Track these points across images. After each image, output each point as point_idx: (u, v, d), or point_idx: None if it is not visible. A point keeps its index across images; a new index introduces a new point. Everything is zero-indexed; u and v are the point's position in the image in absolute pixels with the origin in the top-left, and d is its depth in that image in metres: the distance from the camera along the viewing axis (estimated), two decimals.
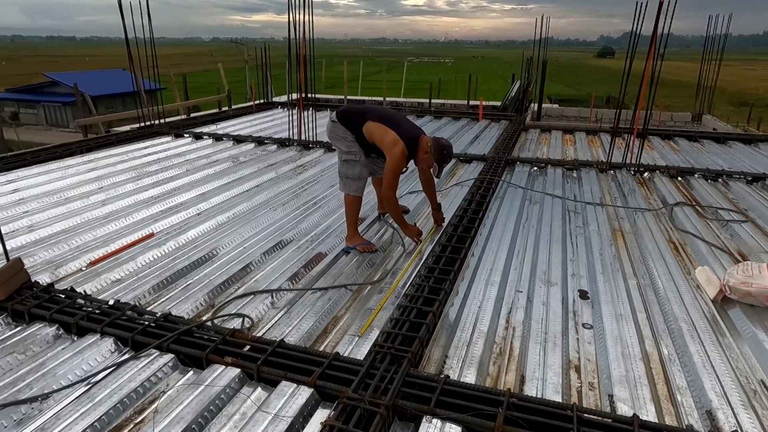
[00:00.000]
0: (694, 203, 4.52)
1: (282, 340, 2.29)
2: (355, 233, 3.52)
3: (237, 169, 5.50)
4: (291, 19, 6.17)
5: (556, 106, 15.22)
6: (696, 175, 5.33)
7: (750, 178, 5.22)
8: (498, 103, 13.15)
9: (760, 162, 6.11)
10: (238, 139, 6.89)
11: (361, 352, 2.32)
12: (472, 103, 14.25)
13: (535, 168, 5.65)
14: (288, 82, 7.26)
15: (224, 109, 10.45)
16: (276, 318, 2.63)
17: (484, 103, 11.02)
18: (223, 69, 15.37)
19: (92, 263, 3.20)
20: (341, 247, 3.50)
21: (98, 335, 2.37)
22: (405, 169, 3.55)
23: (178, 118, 9.61)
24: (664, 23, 5.22)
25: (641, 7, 5.31)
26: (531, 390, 2.10)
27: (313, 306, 2.73)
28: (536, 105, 11.05)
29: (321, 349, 2.39)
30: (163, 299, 2.80)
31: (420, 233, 3.63)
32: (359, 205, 3.60)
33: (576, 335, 2.52)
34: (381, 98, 15.48)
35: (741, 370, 2.27)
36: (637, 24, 5.38)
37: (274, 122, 8.57)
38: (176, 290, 2.89)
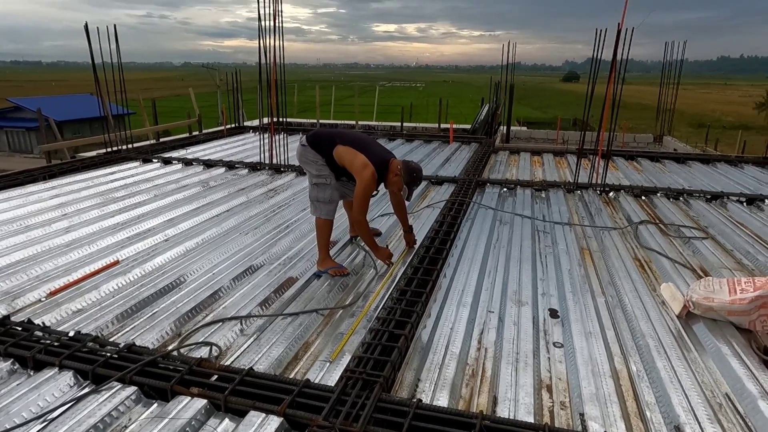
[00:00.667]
0: (657, 221, 4.66)
1: (251, 368, 2.23)
2: (326, 257, 3.50)
3: (207, 193, 5.42)
4: (261, 44, 6.21)
5: (524, 128, 15.61)
6: (658, 194, 5.50)
7: (709, 197, 5.42)
8: (468, 126, 13.42)
9: (717, 181, 6.36)
10: (209, 164, 6.81)
11: (332, 378, 2.28)
12: (443, 126, 14.50)
13: (505, 189, 5.75)
14: (260, 106, 7.26)
15: (195, 133, 10.35)
16: (245, 345, 2.57)
17: (454, 126, 11.22)
18: (194, 93, 15.29)
19: (52, 293, 3.08)
20: (313, 271, 3.46)
21: (56, 369, 2.26)
22: (376, 192, 3.57)
23: (147, 143, 9.47)
24: (623, 50, 5.46)
25: (601, 34, 5.54)
26: (503, 411, 2.09)
27: (284, 332, 2.68)
28: (505, 128, 11.31)
29: (291, 376, 2.34)
30: (127, 329, 2.71)
31: (391, 255, 3.63)
32: (330, 229, 3.58)
33: (547, 354, 2.54)
34: (354, 122, 15.61)
35: (706, 384, 2.31)
36: (598, 50, 5.61)
37: (246, 146, 8.52)
38: (141, 319, 2.80)
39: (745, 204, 5.24)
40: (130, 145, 7.65)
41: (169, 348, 2.52)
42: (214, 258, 3.67)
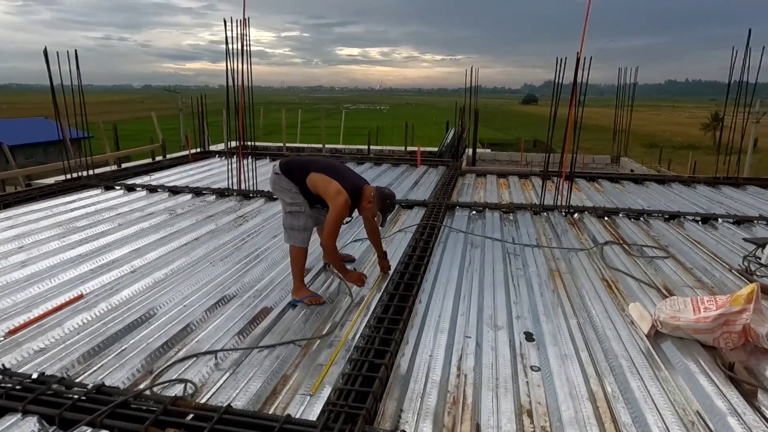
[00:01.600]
0: (621, 241, 4.83)
1: (229, 405, 2.17)
2: (301, 285, 3.46)
3: (174, 221, 5.30)
4: (228, 67, 6.19)
5: (488, 150, 15.99)
6: (620, 215, 5.71)
7: (667, 216, 5.67)
8: (434, 149, 13.64)
9: (674, 201, 6.65)
10: (175, 190, 6.67)
11: (313, 412, 2.23)
12: (410, 149, 14.69)
13: (474, 212, 5.85)
14: (226, 130, 7.20)
15: (158, 159, 10.14)
16: (221, 381, 2.49)
17: (421, 149, 11.38)
18: (157, 117, 15.02)
19: (11, 332, 2.92)
20: (287, 300, 3.41)
21: (19, 414, 2.14)
22: (349, 218, 3.58)
23: (109, 169, 9.21)
24: (582, 74, 5.71)
25: (562, 61, 5.79)
26: None
27: (261, 365, 2.62)
28: (471, 150, 11.56)
29: (271, 411, 2.29)
30: (94, 368, 2.59)
31: (361, 277, 3.65)
32: (305, 257, 3.56)
33: (525, 378, 2.57)
34: (320, 145, 15.64)
35: (678, 402, 2.38)
36: (559, 75, 5.85)
37: (212, 172, 8.39)
38: (110, 357, 2.69)
39: (700, 223, 5.49)
40: (90, 172, 7.42)
41: (141, 387, 2.42)
42: (184, 289, 3.57)
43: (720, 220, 5.55)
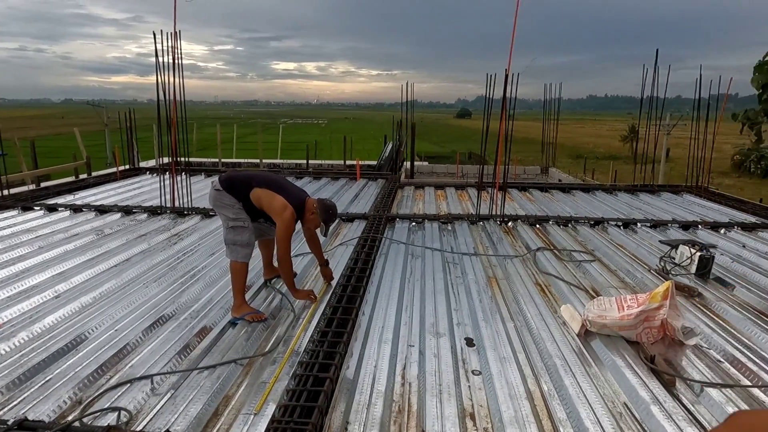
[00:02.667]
0: (552, 247, 5.09)
1: (167, 431, 2.08)
2: (242, 302, 3.39)
3: (102, 242, 5.02)
4: (159, 80, 6.00)
5: (426, 163, 16.35)
6: (550, 222, 6.02)
7: (592, 222, 6.04)
8: (373, 162, 13.78)
9: (598, 207, 7.10)
10: (102, 210, 6.32)
11: (258, 431, 2.19)
12: (349, 162, 14.76)
13: (414, 223, 5.97)
14: (158, 145, 6.94)
15: (83, 176, 9.58)
16: (159, 406, 2.39)
17: (360, 162, 11.48)
18: (80, 133, 14.22)
19: None
20: (227, 319, 3.32)
21: None
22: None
23: (26, 188, 8.59)
24: (511, 90, 6.01)
25: (492, 77, 6.08)
26: None
27: (201, 387, 2.53)
28: (409, 163, 11.78)
29: None
30: (16, 402, 2.40)
31: (311, 294, 3.63)
32: (246, 272, 3.50)
33: (467, 383, 2.65)
34: (257, 160, 15.38)
35: (608, 395, 2.54)
36: (490, 90, 6.13)
37: (143, 189, 8.04)
38: (33, 389, 2.50)
39: (621, 227, 5.90)
40: (5, 192, 6.89)
41: (69, 419, 2.27)
42: (115, 313, 3.39)
43: (639, 224, 5.98)
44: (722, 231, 5.82)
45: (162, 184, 6.47)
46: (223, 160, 15.38)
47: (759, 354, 2.98)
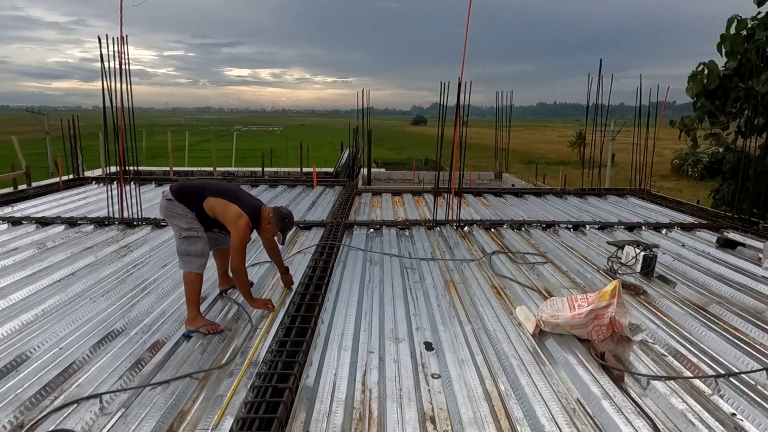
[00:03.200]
0: (506, 251, 5.22)
1: None
2: (197, 314, 3.30)
3: (44, 256, 4.77)
4: (105, 86, 5.78)
5: (383, 170, 16.43)
6: (505, 226, 6.17)
7: (544, 225, 6.23)
8: (330, 169, 13.73)
9: (549, 211, 7.34)
10: (44, 222, 6.01)
11: None
12: (305, 170, 14.65)
13: (372, 230, 5.98)
14: (104, 154, 6.67)
15: (22, 187, 9.07)
16: (108, 426, 2.28)
17: (317, 169, 11.42)
18: (18, 141, 13.49)
19: None
20: (182, 332, 3.22)
21: None
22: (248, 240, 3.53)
23: None
24: (465, 97, 6.15)
25: (445, 85, 6.20)
26: None
27: (154, 404, 2.44)
28: (366, 170, 11.81)
29: None
30: None
31: (268, 304, 3.58)
32: (201, 284, 3.41)
33: (427, 386, 2.67)
34: (211, 168, 15.03)
35: (561, 393, 2.63)
36: (444, 98, 6.25)
37: (89, 200, 7.69)
38: None
39: (572, 230, 6.12)
40: None
41: None
42: (60, 330, 3.23)
43: (588, 226, 6.22)
44: (664, 231, 6.13)
45: (109, 194, 6.22)
46: (174, 168, 14.93)
47: (699, 347, 3.15)
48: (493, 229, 6.08)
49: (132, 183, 6.48)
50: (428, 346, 3.11)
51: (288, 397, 2.40)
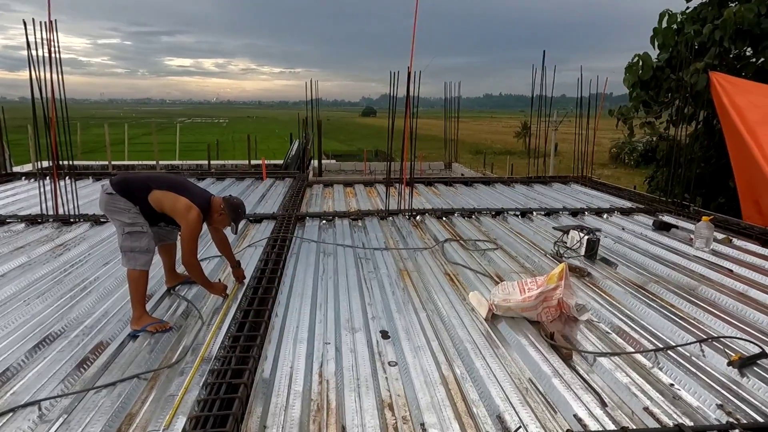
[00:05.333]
0: (458, 238, 5.31)
1: None
2: (143, 313, 3.15)
3: None
4: (33, 76, 5.40)
5: (333, 161, 16.30)
6: (456, 214, 6.27)
7: (494, 213, 6.38)
8: (280, 161, 13.49)
9: (498, 199, 7.52)
10: None
11: None
12: (254, 162, 14.31)
13: (324, 221, 5.93)
14: (35, 148, 6.25)
15: None
16: None
17: (266, 162, 11.18)
18: None
19: None
20: (127, 332, 3.08)
21: None
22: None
23: None
24: (414, 89, 6.17)
25: (395, 76, 6.20)
26: None
27: (99, 408, 2.32)
28: (316, 161, 11.68)
29: None
30: None
31: (226, 288, 3.56)
32: (146, 281, 3.26)
33: (384, 374, 2.68)
34: (153, 162, 14.42)
35: (515, 373, 2.70)
36: (394, 89, 6.25)
37: (19, 196, 7.19)
38: None
39: (520, 217, 6.30)
40: None
41: None
42: None
43: (535, 213, 6.42)
44: (605, 216, 6.42)
45: (42, 190, 5.84)
46: (113, 162, 14.21)
47: (639, 323, 3.33)
48: (444, 218, 6.17)
49: (67, 178, 6.12)
50: (384, 335, 3.12)
51: (243, 392, 2.34)
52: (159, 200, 3.26)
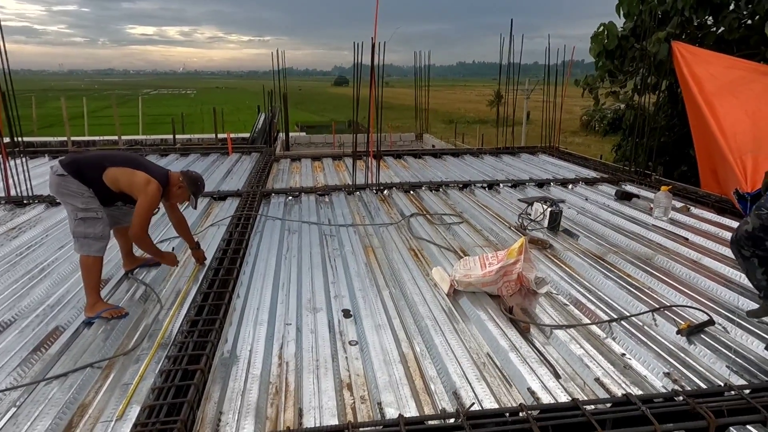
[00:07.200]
0: (425, 213, 5.31)
1: None
2: (98, 300, 3.07)
3: None
4: None
5: (303, 134, 16.04)
6: (423, 188, 6.27)
7: (461, 186, 6.40)
8: (248, 135, 13.19)
9: (466, 171, 7.53)
10: None
11: None
12: (220, 136, 13.97)
13: (290, 198, 5.85)
14: None
15: None
16: None
17: (233, 135, 10.91)
18: None
19: None
20: (82, 319, 3.00)
21: None
22: (156, 209, 3.37)
23: None
24: (379, 59, 6.05)
25: (359, 46, 6.06)
26: (309, 421, 2.15)
27: (50, 399, 2.27)
28: (284, 135, 11.46)
29: None
30: None
31: (176, 258, 3.56)
32: (100, 267, 3.16)
33: (345, 354, 2.69)
34: (116, 137, 13.93)
35: (473, 348, 2.75)
36: (359, 58, 6.12)
37: None
38: None
39: (487, 189, 6.33)
40: None
41: None
42: None
43: (501, 185, 6.46)
44: (570, 186, 6.51)
45: None
46: (73, 138, 13.66)
47: (597, 294, 3.41)
48: (412, 192, 6.15)
49: (22, 156, 5.86)
50: (346, 314, 3.12)
51: (200, 378, 2.32)
52: (115, 177, 3.16)
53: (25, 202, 5.47)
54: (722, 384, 2.40)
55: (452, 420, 2.08)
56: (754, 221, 2.88)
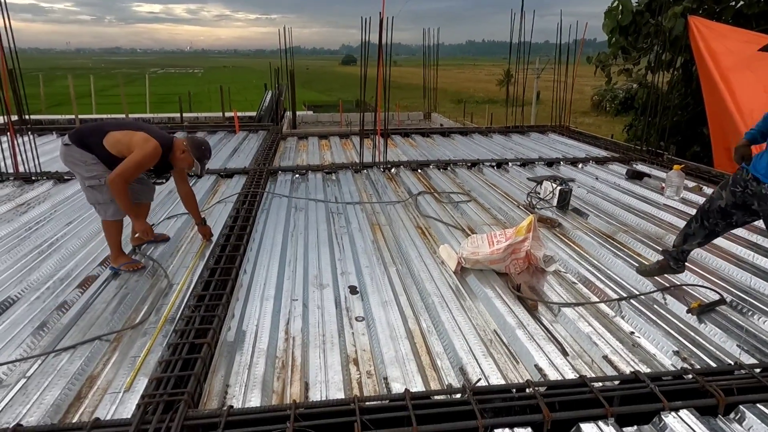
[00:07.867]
0: (432, 191, 5.27)
1: (18, 425, 1.87)
2: (120, 253, 3.28)
3: None
4: None
5: (310, 113, 15.93)
6: (431, 166, 6.21)
7: (469, 164, 6.33)
8: (254, 113, 13.12)
9: (475, 150, 7.45)
10: None
11: (128, 410, 2.04)
12: (227, 114, 13.90)
13: (297, 175, 5.82)
14: None
15: None
16: (6, 399, 2.12)
17: (240, 114, 10.85)
18: None
19: None
20: (89, 294, 3.02)
21: None
22: (163, 180, 3.56)
23: None
24: (388, 35, 5.93)
25: (366, 22, 5.93)
26: (315, 395, 2.15)
27: (59, 371, 2.30)
28: (291, 113, 11.37)
29: (75, 419, 2.03)
30: None
31: (151, 230, 3.46)
32: (120, 228, 3.34)
33: (351, 330, 2.69)
34: (123, 115, 13.92)
35: (480, 325, 2.73)
36: (366, 35, 6.00)
37: None
38: None
39: (495, 168, 6.26)
40: None
41: None
42: None
43: (510, 164, 6.39)
44: (580, 165, 6.42)
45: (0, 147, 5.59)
46: (80, 116, 13.66)
47: (606, 273, 3.37)
48: (419, 170, 6.10)
49: (30, 134, 5.86)
50: (353, 290, 3.11)
51: (206, 352, 2.33)
52: (117, 140, 3.17)
53: (33, 178, 5.49)
54: (732, 363, 2.37)
55: (458, 395, 2.08)
56: (728, 197, 2.84)
